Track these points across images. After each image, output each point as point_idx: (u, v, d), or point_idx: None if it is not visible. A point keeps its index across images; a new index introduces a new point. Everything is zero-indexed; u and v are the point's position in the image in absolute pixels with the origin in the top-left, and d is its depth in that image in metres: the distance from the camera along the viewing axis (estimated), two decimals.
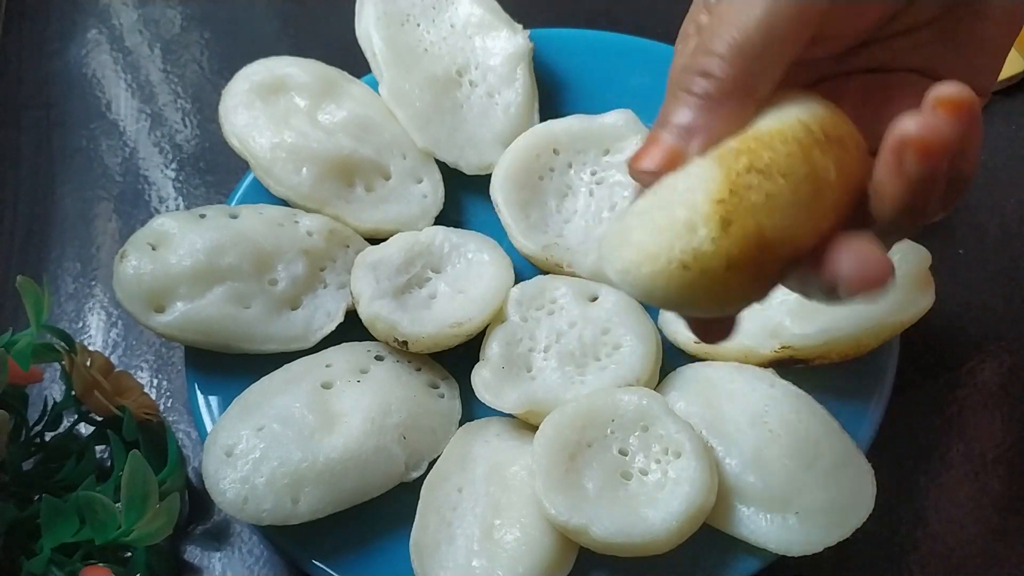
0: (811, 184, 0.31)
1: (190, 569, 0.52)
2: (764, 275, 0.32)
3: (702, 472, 0.45)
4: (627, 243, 0.32)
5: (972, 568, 0.51)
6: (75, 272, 0.61)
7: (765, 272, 0.31)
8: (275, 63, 0.58)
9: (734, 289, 0.31)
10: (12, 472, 0.48)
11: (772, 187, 0.31)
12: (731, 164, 0.31)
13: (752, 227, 0.30)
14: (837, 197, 0.32)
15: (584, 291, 0.53)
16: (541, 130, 0.58)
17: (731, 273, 0.30)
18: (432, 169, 0.58)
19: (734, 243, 0.30)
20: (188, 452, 0.55)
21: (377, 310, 0.51)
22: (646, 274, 0.31)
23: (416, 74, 0.59)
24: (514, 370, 0.51)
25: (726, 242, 0.30)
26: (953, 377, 0.56)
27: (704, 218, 0.30)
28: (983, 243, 0.60)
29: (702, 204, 0.30)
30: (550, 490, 0.45)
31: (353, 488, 0.47)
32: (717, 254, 0.30)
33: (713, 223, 0.30)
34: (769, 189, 0.31)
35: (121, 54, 0.70)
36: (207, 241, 0.51)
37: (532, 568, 0.45)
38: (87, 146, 0.66)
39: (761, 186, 0.31)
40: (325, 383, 0.50)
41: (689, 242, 0.30)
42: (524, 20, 0.61)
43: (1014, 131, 0.64)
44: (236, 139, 0.56)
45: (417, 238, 0.54)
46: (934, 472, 0.53)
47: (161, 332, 0.51)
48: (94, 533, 0.44)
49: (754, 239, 0.30)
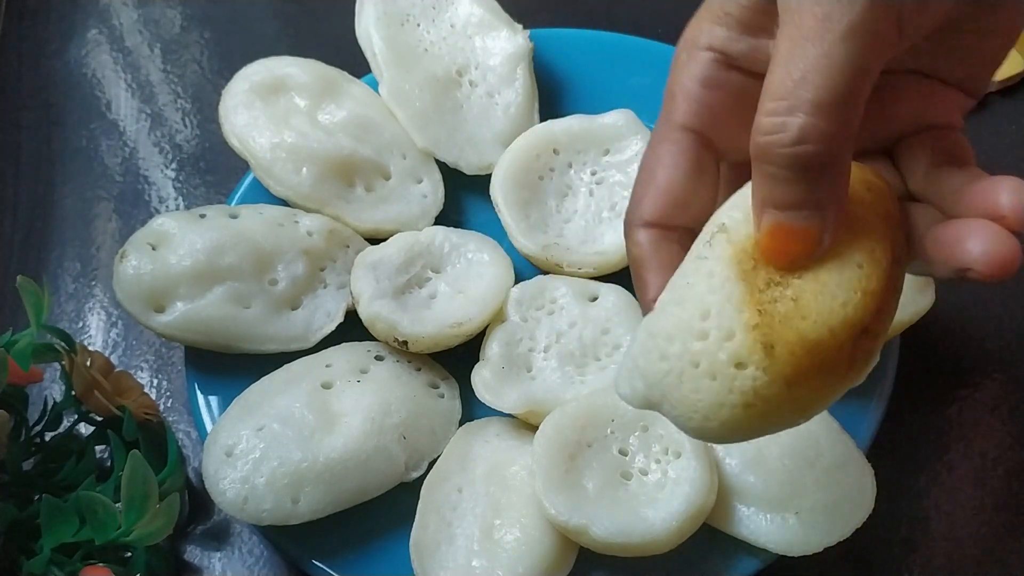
0: (831, 269, 0.30)
1: (190, 569, 0.52)
2: (835, 366, 0.30)
3: (702, 472, 0.45)
4: (682, 400, 0.31)
5: (972, 568, 0.51)
6: (75, 272, 0.61)
7: (834, 364, 0.30)
8: (275, 63, 0.58)
9: (809, 397, 0.30)
10: (12, 472, 0.48)
11: (793, 291, 0.30)
12: (752, 278, 0.30)
13: (794, 339, 0.29)
14: (867, 254, 0.30)
15: (584, 291, 0.53)
16: (541, 130, 0.58)
17: (797, 389, 0.29)
18: (432, 169, 0.58)
19: (784, 363, 0.29)
20: (188, 452, 0.55)
21: (377, 310, 0.51)
22: (716, 428, 0.30)
23: (416, 74, 0.59)
24: (514, 370, 0.51)
25: (776, 366, 0.29)
26: (953, 377, 0.56)
27: (747, 351, 0.29)
28: None
29: (739, 336, 0.29)
30: (550, 490, 0.45)
31: (353, 488, 0.47)
32: (773, 382, 0.29)
33: (756, 355, 0.29)
34: (792, 293, 0.30)
35: (121, 54, 0.70)
36: (207, 241, 0.51)
37: (532, 568, 0.45)
38: (87, 146, 0.66)
39: (785, 294, 0.30)
40: (325, 383, 0.50)
41: (741, 382, 0.29)
42: (524, 20, 0.61)
43: (1014, 131, 0.64)
44: (236, 139, 0.56)
45: (417, 238, 0.54)
46: (934, 472, 0.53)
47: (161, 332, 0.51)
48: (94, 533, 0.44)
49: (801, 350, 0.29)
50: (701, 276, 0.31)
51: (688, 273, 0.31)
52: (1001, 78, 0.65)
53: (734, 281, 0.30)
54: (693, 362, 0.30)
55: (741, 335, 0.29)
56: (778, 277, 0.30)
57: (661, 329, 0.31)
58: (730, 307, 0.30)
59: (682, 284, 0.31)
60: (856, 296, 0.30)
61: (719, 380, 0.30)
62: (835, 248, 0.30)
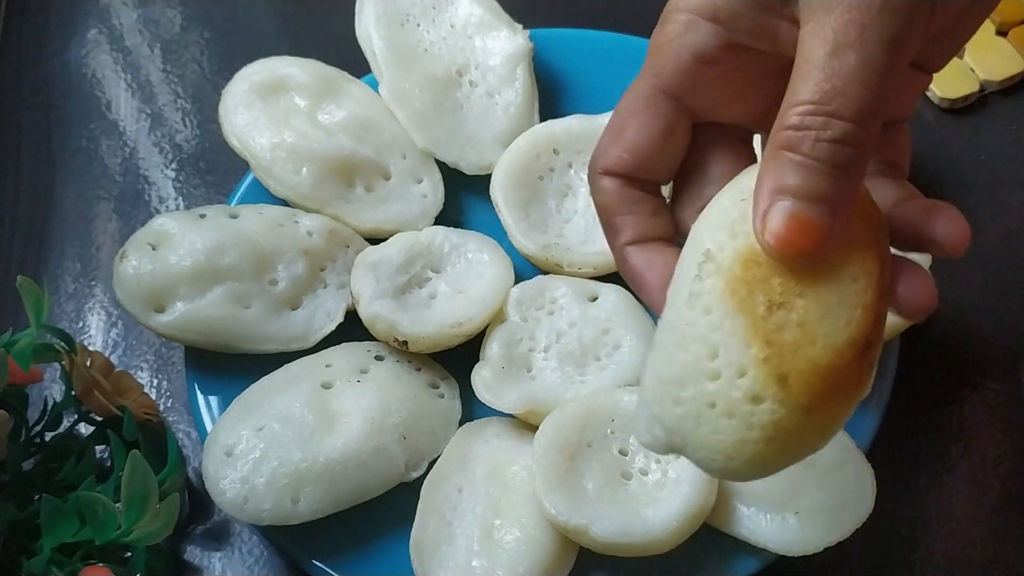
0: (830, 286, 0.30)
1: (190, 569, 0.52)
2: (847, 385, 0.30)
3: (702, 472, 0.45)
4: (702, 443, 0.30)
5: (972, 568, 0.51)
6: (75, 272, 0.61)
7: (846, 383, 0.30)
8: (275, 63, 0.58)
9: (828, 419, 0.30)
10: (12, 472, 0.48)
11: (798, 315, 0.29)
12: (752, 307, 0.30)
13: (807, 367, 0.29)
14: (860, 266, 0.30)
15: (584, 291, 0.53)
16: (541, 130, 0.58)
17: (816, 414, 0.29)
18: (432, 169, 0.58)
19: (800, 393, 0.29)
20: (188, 452, 0.55)
21: (377, 310, 0.51)
22: (742, 467, 0.30)
23: (416, 74, 0.59)
24: (514, 370, 0.51)
25: (792, 396, 0.29)
26: (953, 377, 0.56)
27: (762, 386, 0.29)
28: (983, 243, 0.60)
29: (752, 371, 0.29)
30: (550, 490, 0.45)
31: (353, 488, 0.47)
32: (792, 412, 0.29)
33: (771, 388, 0.29)
34: (797, 319, 0.29)
35: (121, 54, 0.70)
36: (207, 241, 0.51)
37: (532, 568, 0.45)
38: (87, 146, 0.66)
39: (789, 320, 0.29)
40: (325, 383, 0.50)
41: (760, 417, 0.29)
42: (524, 20, 0.61)
43: (1014, 131, 0.64)
44: (236, 139, 0.56)
45: (417, 238, 0.54)
46: (934, 472, 0.53)
47: (161, 332, 0.51)
48: (94, 533, 0.44)
49: (814, 377, 0.29)
50: (699, 314, 0.30)
51: (685, 314, 0.31)
52: (1001, 78, 0.65)
53: (734, 314, 0.30)
54: (708, 403, 0.30)
55: (753, 370, 0.29)
56: (778, 298, 0.30)
57: (671, 374, 0.31)
58: (736, 342, 0.30)
59: (681, 326, 0.31)
60: (857, 313, 0.30)
61: (737, 418, 0.30)
62: (830, 262, 0.30)
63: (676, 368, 0.31)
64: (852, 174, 0.30)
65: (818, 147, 0.29)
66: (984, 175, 0.63)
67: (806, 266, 0.30)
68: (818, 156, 0.29)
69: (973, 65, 0.65)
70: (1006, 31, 0.66)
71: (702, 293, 0.31)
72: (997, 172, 0.63)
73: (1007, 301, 0.58)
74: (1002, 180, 0.63)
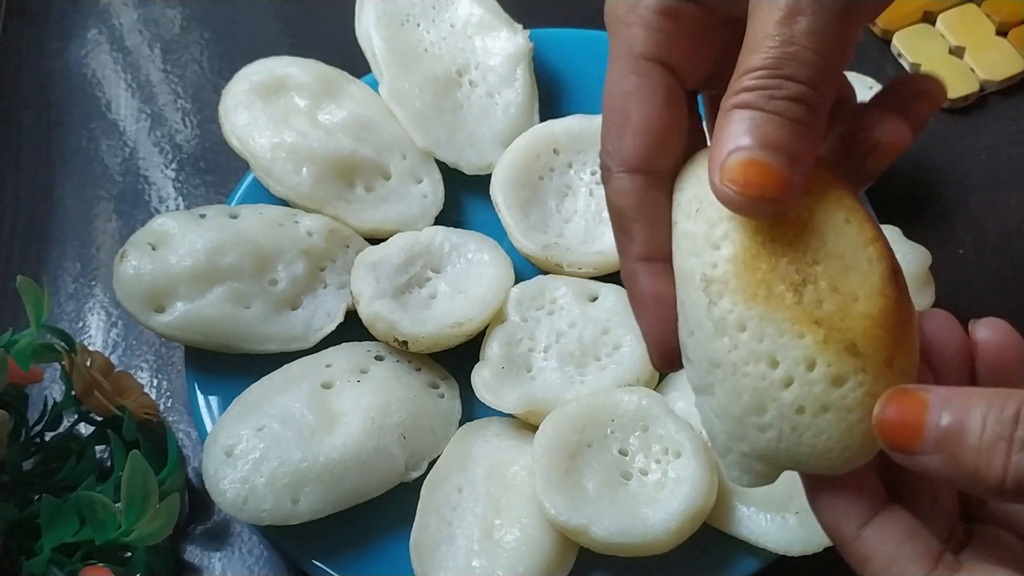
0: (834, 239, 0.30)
1: (190, 569, 0.52)
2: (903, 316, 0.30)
3: (702, 472, 0.45)
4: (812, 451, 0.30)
5: None
6: (75, 272, 0.61)
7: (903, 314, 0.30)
8: (275, 63, 0.58)
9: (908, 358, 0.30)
10: (12, 472, 0.48)
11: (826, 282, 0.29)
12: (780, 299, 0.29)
13: (864, 324, 0.29)
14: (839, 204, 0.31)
15: (584, 291, 0.53)
16: (541, 130, 0.58)
17: (898, 360, 0.29)
18: (432, 169, 0.58)
19: (875, 351, 0.29)
20: (188, 452, 0.55)
21: (377, 310, 0.51)
22: (861, 449, 0.30)
23: (416, 74, 0.59)
24: (514, 370, 0.51)
25: (869, 359, 0.29)
26: None
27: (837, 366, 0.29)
28: (983, 243, 0.60)
29: (819, 357, 0.29)
30: (550, 490, 0.45)
31: (353, 488, 0.47)
32: (877, 373, 0.29)
33: (847, 363, 0.29)
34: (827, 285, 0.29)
35: (121, 54, 0.70)
36: (207, 241, 0.51)
37: (532, 568, 0.45)
38: (87, 146, 0.66)
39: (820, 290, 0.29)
40: (325, 383, 0.50)
41: (852, 395, 0.29)
42: (524, 20, 0.61)
43: (1014, 131, 0.64)
44: (236, 139, 0.56)
45: (417, 238, 0.54)
46: None
47: (161, 332, 0.51)
48: (94, 533, 0.44)
49: (878, 330, 0.29)
50: (735, 335, 0.30)
51: (721, 343, 0.30)
52: (1001, 78, 0.65)
53: (769, 315, 0.29)
54: (796, 411, 0.29)
55: (820, 356, 0.29)
56: (797, 276, 0.29)
57: (743, 406, 0.30)
58: (788, 339, 0.29)
59: (724, 356, 0.30)
60: (870, 250, 0.30)
61: (832, 409, 0.29)
62: (814, 220, 0.30)
63: (745, 397, 0.30)
64: (809, 130, 0.29)
65: (773, 103, 0.29)
66: (984, 175, 0.63)
67: (798, 233, 0.30)
68: (774, 110, 0.29)
69: (973, 65, 0.65)
70: (1006, 31, 0.66)
71: (725, 316, 0.30)
72: (997, 172, 0.63)
73: (1007, 301, 0.58)
74: (1002, 180, 0.63)
